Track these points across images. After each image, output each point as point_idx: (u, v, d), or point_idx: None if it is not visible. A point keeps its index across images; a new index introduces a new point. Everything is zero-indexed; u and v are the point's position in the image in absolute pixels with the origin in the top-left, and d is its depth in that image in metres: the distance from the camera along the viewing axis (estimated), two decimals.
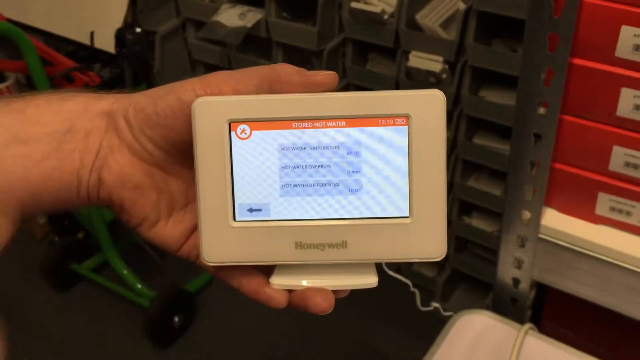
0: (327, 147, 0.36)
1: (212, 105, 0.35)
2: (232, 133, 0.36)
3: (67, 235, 1.77)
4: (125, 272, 1.61)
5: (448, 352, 0.77)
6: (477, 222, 1.40)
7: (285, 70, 0.36)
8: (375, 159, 0.36)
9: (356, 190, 0.36)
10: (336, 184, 0.36)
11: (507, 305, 0.85)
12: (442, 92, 0.35)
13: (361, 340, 1.52)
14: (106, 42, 1.51)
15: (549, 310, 0.98)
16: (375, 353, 1.51)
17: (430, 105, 0.35)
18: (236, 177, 0.36)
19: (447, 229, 0.36)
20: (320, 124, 0.35)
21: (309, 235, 0.36)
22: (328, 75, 0.36)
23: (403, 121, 0.35)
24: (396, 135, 0.35)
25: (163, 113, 0.36)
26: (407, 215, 0.36)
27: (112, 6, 1.53)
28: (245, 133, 0.36)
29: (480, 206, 1.37)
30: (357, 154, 0.36)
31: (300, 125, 0.35)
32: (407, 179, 0.36)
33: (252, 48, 1.57)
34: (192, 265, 0.41)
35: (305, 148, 0.36)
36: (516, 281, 0.82)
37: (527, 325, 0.78)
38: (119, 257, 1.62)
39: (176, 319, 1.54)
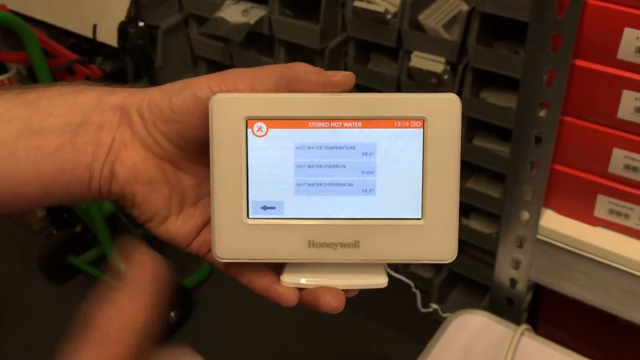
0: (342, 147, 0.36)
1: (230, 102, 0.35)
2: (249, 130, 0.36)
3: (65, 228, 1.76)
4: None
5: (443, 351, 0.77)
6: (476, 224, 1.40)
7: (304, 69, 0.36)
8: (389, 161, 0.36)
9: (370, 191, 0.36)
10: (350, 184, 0.36)
11: (503, 305, 0.85)
12: (458, 97, 0.35)
13: (359, 340, 1.52)
14: (109, 36, 1.51)
15: (545, 313, 0.98)
16: (372, 352, 1.51)
17: (446, 109, 0.35)
18: (251, 174, 0.36)
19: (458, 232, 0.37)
20: (336, 124, 0.35)
21: (322, 234, 0.36)
22: (346, 76, 0.36)
23: (419, 124, 0.35)
24: (411, 138, 0.35)
25: (178, 109, 0.36)
26: (420, 217, 0.36)
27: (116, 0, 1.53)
28: (262, 131, 0.36)
29: (478, 208, 1.37)
30: (372, 154, 0.36)
31: (316, 124, 0.35)
32: (420, 181, 0.36)
33: (254, 45, 1.57)
34: (189, 260, 0.40)
35: (321, 147, 0.36)
36: (513, 281, 0.82)
37: (523, 326, 0.78)
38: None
39: (172, 314, 1.53)
